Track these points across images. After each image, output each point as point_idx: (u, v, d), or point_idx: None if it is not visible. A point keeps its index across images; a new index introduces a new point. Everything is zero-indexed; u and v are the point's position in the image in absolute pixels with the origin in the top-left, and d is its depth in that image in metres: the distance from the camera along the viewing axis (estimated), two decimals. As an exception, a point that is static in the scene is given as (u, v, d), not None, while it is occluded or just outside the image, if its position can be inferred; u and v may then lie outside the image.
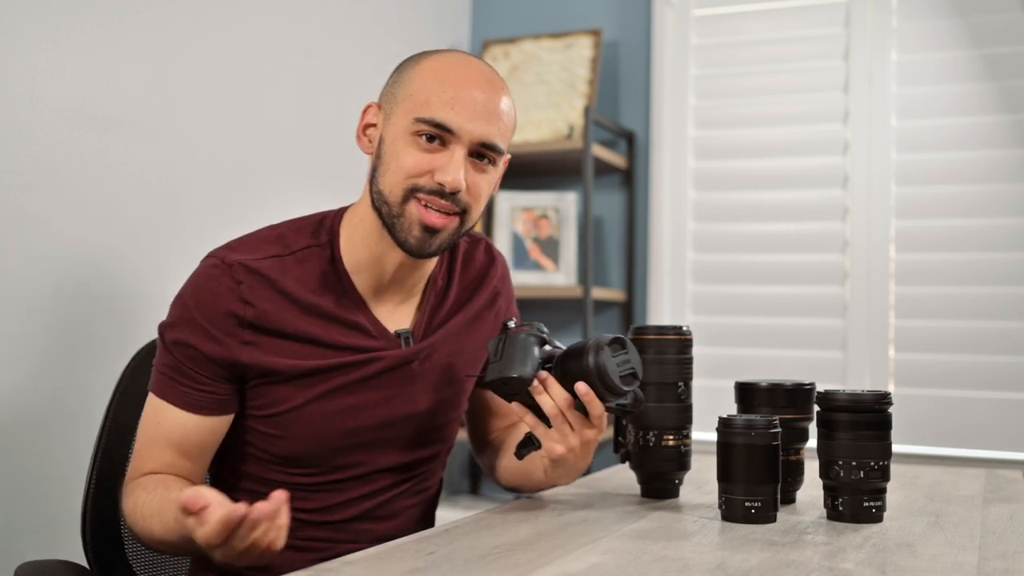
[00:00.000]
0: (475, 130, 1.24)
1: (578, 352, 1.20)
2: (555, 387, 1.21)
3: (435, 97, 1.24)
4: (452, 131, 1.23)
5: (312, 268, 1.29)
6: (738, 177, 2.77)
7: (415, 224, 1.24)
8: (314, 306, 1.27)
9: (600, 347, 1.19)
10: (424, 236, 1.25)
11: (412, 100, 1.25)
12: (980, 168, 2.54)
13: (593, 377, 1.19)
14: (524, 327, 1.24)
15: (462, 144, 1.24)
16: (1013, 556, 1.05)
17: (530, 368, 1.21)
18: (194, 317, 1.23)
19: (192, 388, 1.24)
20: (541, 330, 1.25)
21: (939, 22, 2.59)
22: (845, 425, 1.21)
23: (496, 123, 1.26)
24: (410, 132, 1.24)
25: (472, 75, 1.26)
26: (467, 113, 1.23)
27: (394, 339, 1.32)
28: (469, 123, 1.23)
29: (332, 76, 2.42)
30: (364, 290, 1.31)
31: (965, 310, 2.52)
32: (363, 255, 1.30)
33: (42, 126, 1.66)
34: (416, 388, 1.33)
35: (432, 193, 1.24)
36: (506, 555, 1.03)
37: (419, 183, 1.24)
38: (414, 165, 1.24)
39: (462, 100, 1.24)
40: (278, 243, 1.29)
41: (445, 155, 1.24)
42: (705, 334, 2.73)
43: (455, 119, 1.23)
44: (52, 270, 1.67)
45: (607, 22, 2.93)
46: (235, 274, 1.25)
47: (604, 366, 1.18)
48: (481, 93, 1.25)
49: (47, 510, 1.66)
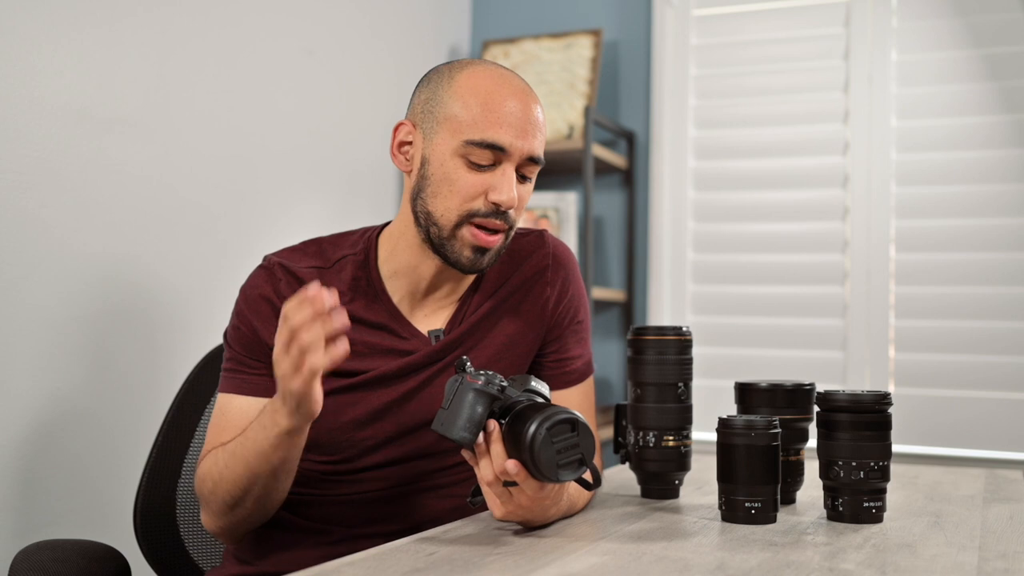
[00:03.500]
0: (524, 147, 1.26)
1: (523, 418, 1.09)
2: (494, 452, 1.11)
3: (482, 118, 1.25)
4: (504, 150, 1.25)
5: (345, 276, 1.35)
6: (738, 177, 2.77)
7: (467, 247, 1.27)
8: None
9: (539, 431, 1.06)
10: (476, 256, 1.28)
11: (456, 121, 1.26)
12: (980, 168, 2.54)
13: (527, 460, 1.08)
14: (479, 377, 1.13)
15: (512, 161, 1.26)
16: (1013, 556, 1.05)
17: (469, 433, 1.11)
18: (242, 308, 1.34)
19: (249, 373, 1.31)
20: (496, 383, 1.13)
21: (939, 22, 2.59)
22: (845, 425, 1.21)
23: (539, 136, 1.29)
24: (459, 154, 1.26)
25: (512, 90, 1.28)
26: (515, 131, 1.25)
27: (425, 339, 1.34)
28: (519, 140, 1.25)
29: (332, 76, 2.42)
30: (399, 296, 1.35)
31: (965, 310, 2.52)
32: (401, 264, 1.34)
33: (42, 126, 1.66)
34: (442, 383, 1.33)
35: (487, 215, 1.26)
36: (506, 555, 1.03)
37: (474, 207, 1.26)
38: (469, 188, 1.26)
39: (508, 118, 1.25)
40: (319, 256, 1.37)
41: (496, 174, 1.26)
42: (705, 334, 2.73)
43: (505, 138, 1.24)
44: (52, 270, 1.67)
45: (607, 22, 2.93)
46: (275, 272, 1.34)
47: (538, 453, 1.06)
48: (523, 107, 1.27)
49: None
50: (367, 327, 1.33)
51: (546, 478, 1.08)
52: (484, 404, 1.12)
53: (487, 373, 1.13)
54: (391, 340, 1.33)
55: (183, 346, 1.92)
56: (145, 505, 1.43)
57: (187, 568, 1.48)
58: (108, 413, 1.77)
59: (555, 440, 1.07)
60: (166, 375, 1.88)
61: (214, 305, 1.97)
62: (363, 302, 1.34)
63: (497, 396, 1.12)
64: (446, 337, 1.34)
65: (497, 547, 1.07)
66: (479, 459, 1.13)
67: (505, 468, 1.09)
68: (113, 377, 1.79)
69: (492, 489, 1.12)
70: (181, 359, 1.90)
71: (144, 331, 1.86)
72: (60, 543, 1.30)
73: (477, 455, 1.13)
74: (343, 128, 2.45)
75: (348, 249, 1.37)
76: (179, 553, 1.47)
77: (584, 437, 1.09)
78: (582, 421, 1.10)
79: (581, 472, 1.10)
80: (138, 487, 1.44)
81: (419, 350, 1.33)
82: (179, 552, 1.47)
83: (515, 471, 1.08)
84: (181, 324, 1.93)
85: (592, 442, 1.11)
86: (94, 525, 1.73)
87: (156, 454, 1.45)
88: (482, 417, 1.12)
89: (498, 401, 1.13)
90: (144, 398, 1.84)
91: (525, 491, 1.10)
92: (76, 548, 1.28)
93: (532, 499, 1.11)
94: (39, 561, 1.23)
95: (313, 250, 1.38)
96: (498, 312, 1.37)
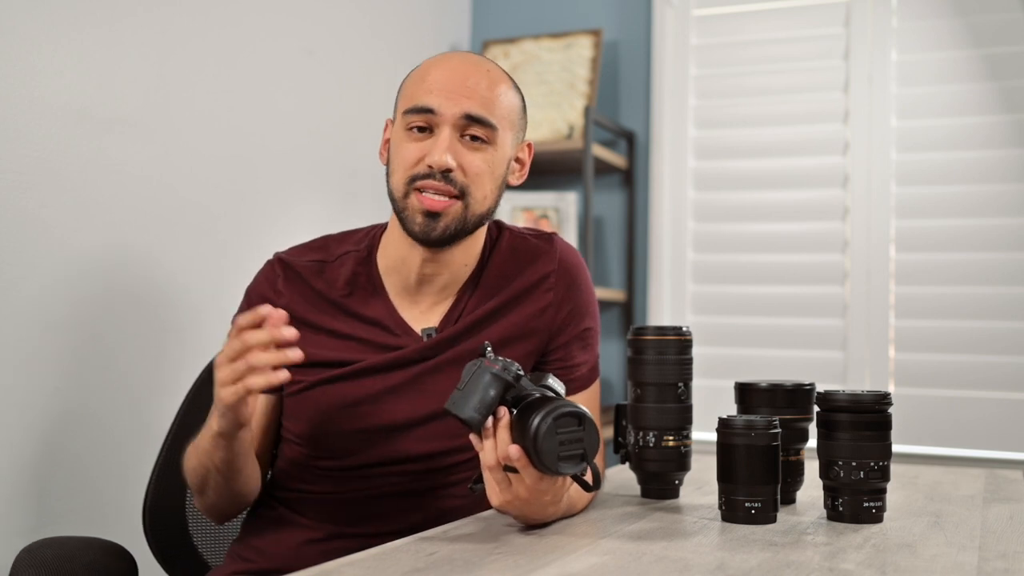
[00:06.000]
0: (455, 107, 1.28)
1: (532, 408, 1.10)
2: (500, 437, 1.11)
3: (415, 87, 1.31)
4: (433, 111, 1.28)
5: (346, 271, 1.38)
6: (738, 177, 2.77)
7: (417, 212, 1.29)
8: (339, 304, 1.36)
9: (545, 420, 1.07)
10: (426, 221, 1.28)
11: (402, 99, 1.33)
12: (980, 168, 2.54)
13: (530, 447, 1.08)
14: (497, 362, 1.13)
15: (446, 123, 1.28)
16: (1013, 556, 1.05)
17: (479, 414, 1.11)
18: (243, 306, 1.39)
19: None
20: (512, 371, 1.13)
21: (939, 22, 2.59)
22: (845, 425, 1.21)
23: (476, 97, 1.29)
24: (403, 128, 1.31)
25: (453, 60, 1.32)
26: (445, 92, 1.28)
27: (417, 336, 1.35)
28: (448, 100, 1.28)
29: (332, 76, 2.42)
30: (395, 291, 1.37)
31: (965, 310, 2.52)
32: (393, 258, 1.37)
33: (42, 126, 1.66)
34: (435, 381, 1.33)
35: (427, 178, 1.27)
36: (506, 555, 1.03)
37: (416, 171, 1.28)
38: (408, 156, 1.29)
39: (440, 81, 1.29)
40: (322, 251, 1.41)
41: (433, 139, 1.28)
42: (705, 334, 2.72)
43: (435, 100, 1.28)
44: (52, 270, 1.67)
45: (607, 22, 2.93)
46: (275, 268, 1.39)
47: (542, 441, 1.07)
48: (458, 72, 1.29)
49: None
50: (361, 322, 1.35)
51: (546, 468, 1.08)
52: (497, 389, 1.12)
53: (505, 360, 1.14)
54: (383, 336, 1.34)
55: (183, 345, 1.92)
56: (154, 502, 1.45)
57: (194, 564, 1.49)
58: (108, 412, 1.77)
59: (560, 431, 1.08)
60: (167, 374, 1.88)
61: (214, 304, 1.97)
62: (361, 297, 1.36)
63: (512, 384, 1.13)
64: (438, 335, 1.34)
65: (497, 547, 1.07)
66: (484, 442, 1.13)
67: (508, 453, 1.09)
68: (114, 376, 1.79)
69: (493, 475, 1.13)
70: (181, 358, 1.90)
71: (144, 330, 1.86)
72: (64, 540, 1.30)
73: (483, 438, 1.13)
74: (343, 128, 2.45)
75: (352, 245, 1.40)
76: (187, 549, 1.49)
77: (589, 433, 1.10)
78: (589, 417, 1.10)
79: (582, 467, 1.10)
80: (148, 484, 1.46)
81: (406, 345, 1.34)
82: (187, 548, 1.49)
83: (516, 456, 1.08)
84: (181, 323, 1.93)
85: (596, 440, 1.11)
86: (98, 523, 1.73)
87: (166, 452, 1.47)
88: (494, 401, 1.12)
89: (512, 390, 1.13)
90: (144, 397, 1.84)
91: (524, 480, 1.10)
92: (80, 544, 1.29)
93: (530, 490, 1.11)
94: (42, 558, 1.23)
95: (319, 245, 1.42)
96: (496, 314, 1.37)
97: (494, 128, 1.30)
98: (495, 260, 1.40)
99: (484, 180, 1.30)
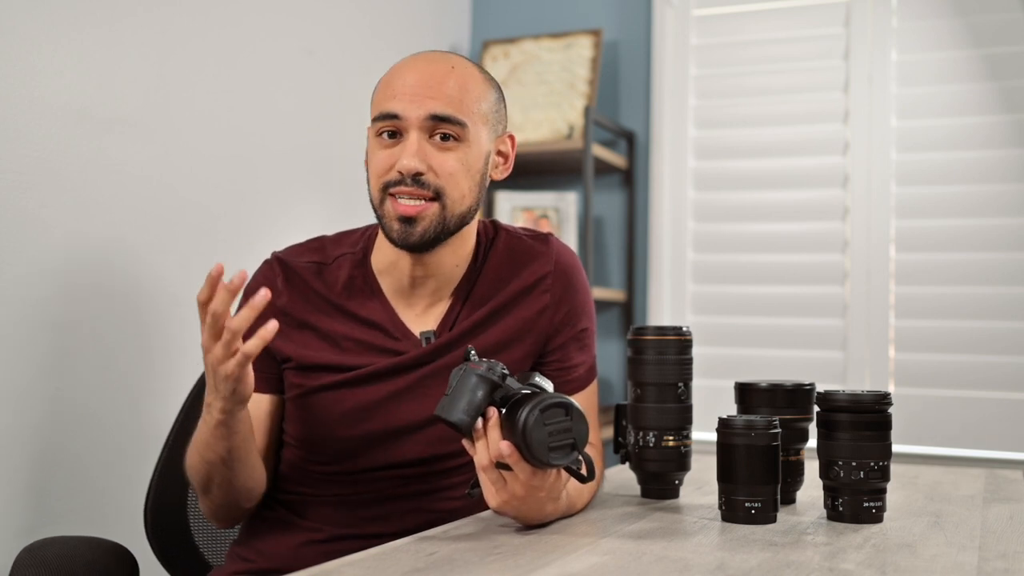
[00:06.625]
0: (419, 109, 1.27)
1: (519, 404, 1.11)
2: (491, 437, 1.11)
3: (382, 94, 1.31)
4: (399, 116, 1.27)
5: (343, 273, 1.37)
6: (738, 177, 2.78)
7: (393, 219, 1.29)
8: (338, 306, 1.35)
9: (532, 412, 1.08)
10: (403, 227, 1.28)
11: (372, 107, 1.34)
12: (980, 168, 2.54)
13: (520, 442, 1.09)
14: (481, 364, 1.14)
15: (413, 127, 1.27)
16: (1013, 556, 1.05)
17: (468, 416, 1.11)
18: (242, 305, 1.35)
19: None
20: (498, 371, 1.14)
21: (939, 22, 2.59)
22: (845, 425, 1.21)
23: (442, 97, 1.27)
24: (374, 136, 1.31)
25: (418, 62, 1.31)
26: (409, 95, 1.27)
27: (416, 340, 1.34)
28: (412, 103, 1.27)
29: (332, 76, 2.42)
30: (391, 293, 1.36)
31: (965, 310, 2.52)
32: (385, 261, 1.36)
33: (42, 126, 1.66)
34: (434, 385, 1.33)
35: (399, 184, 1.27)
36: (506, 555, 1.03)
37: (387, 179, 1.29)
38: (380, 163, 1.29)
39: (404, 85, 1.28)
40: (320, 252, 1.40)
41: (402, 144, 1.28)
42: (705, 334, 2.72)
43: (398, 104, 1.27)
44: (52, 270, 1.67)
45: (607, 22, 2.93)
46: (274, 267, 1.38)
47: (531, 433, 1.08)
48: (423, 74, 1.29)
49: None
50: (361, 324, 1.35)
51: (537, 460, 1.09)
52: (484, 390, 1.13)
53: (490, 361, 1.14)
54: (383, 339, 1.34)
55: (182, 345, 1.92)
56: (156, 501, 1.45)
57: (195, 564, 1.49)
58: (108, 412, 1.77)
59: (547, 423, 1.09)
60: (166, 374, 1.88)
61: (214, 305, 1.97)
62: (358, 300, 1.36)
63: (498, 384, 1.13)
64: (437, 340, 1.34)
65: (497, 547, 1.07)
66: (476, 443, 1.13)
67: (499, 449, 1.09)
68: (114, 376, 1.79)
69: (487, 475, 1.12)
70: (181, 358, 1.90)
71: (144, 330, 1.86)
72: (65, 539, 1.30)
73: (475, 440, 1.13)
74: (343, 128, 2.45)
75: (348, 247, 1.40)
76: (188, 549, 1.49)
77: (577, 422, 1.11)
78: (576, 407, 1.11)
79: (573, 456, 1.11)
80: (149, 484, 1.46)
81: (409, 351, 1.34)
82: (188, 548, 1.49)
83: (508, 452, 1.09)
84: (180, 323, 1.93)
85: (585, 429, 1.11)
86: (98, 523, 1.73)
87: (168, 451, 1.47)
88: (482, 402, 1.12)
89: (500, 390, 1.13)
90: (144, 397, 1.84)
91: (518, 476, 1.10)
92: (81, 544, 1.29)
93: (525, 486, 1.11)
94: (43, 557, 1.23)
95: (316, 246, 1.41)
96: (493, 317, 1.36)
97: (463, 125, 1.28)
98: (492, 261, 1.39)
99: (459, 179, 1.29)
